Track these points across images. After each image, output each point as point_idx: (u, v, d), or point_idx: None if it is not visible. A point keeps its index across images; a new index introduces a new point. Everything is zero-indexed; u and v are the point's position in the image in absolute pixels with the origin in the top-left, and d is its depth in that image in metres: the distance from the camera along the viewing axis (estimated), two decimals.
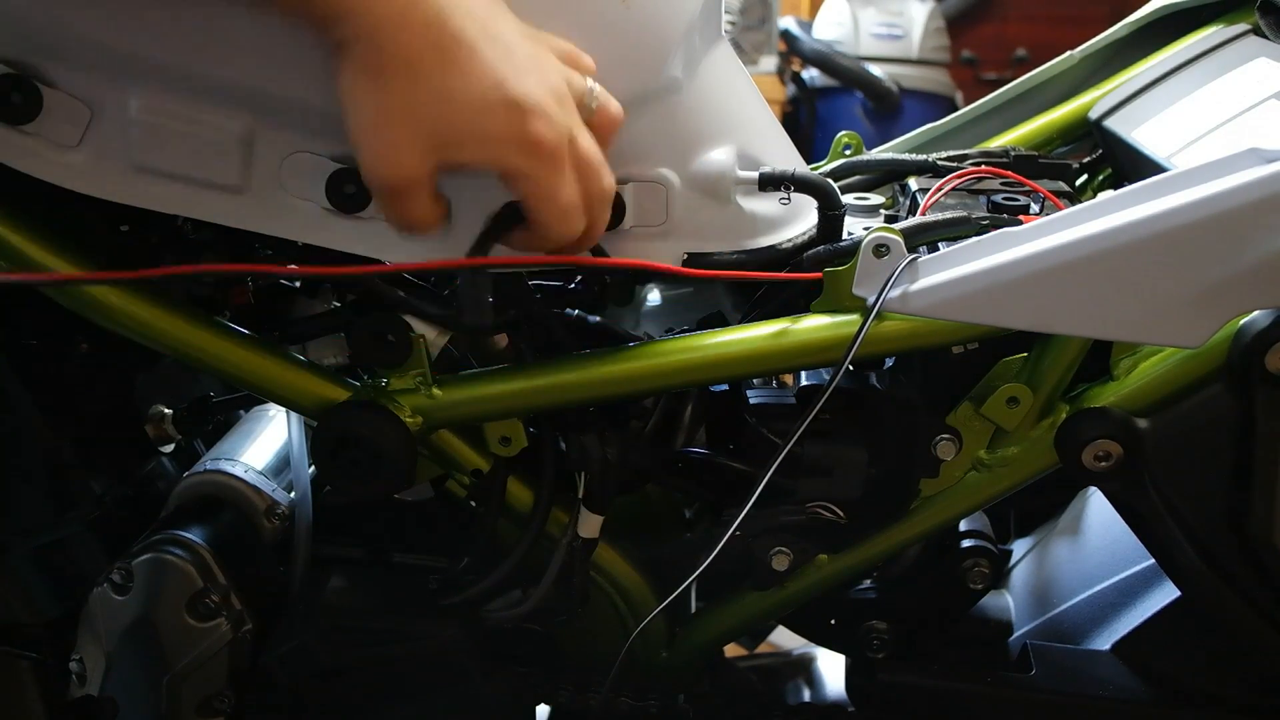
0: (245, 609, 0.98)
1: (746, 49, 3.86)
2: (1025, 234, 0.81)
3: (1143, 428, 0.86)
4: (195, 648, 0.96)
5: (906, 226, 0.87)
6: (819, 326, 0.86)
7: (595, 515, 0.92)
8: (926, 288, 0.82)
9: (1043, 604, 1.10)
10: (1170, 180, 0.79)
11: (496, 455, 0.94)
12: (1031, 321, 0.82)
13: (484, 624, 0.96)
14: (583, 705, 1.02)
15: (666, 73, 0.84)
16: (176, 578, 0.96)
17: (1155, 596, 1.00)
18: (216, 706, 0.98)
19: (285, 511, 1.03)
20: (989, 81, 4.42)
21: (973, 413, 0.89)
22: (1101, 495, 0.98)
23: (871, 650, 1.00)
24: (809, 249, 0.90)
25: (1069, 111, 1.14)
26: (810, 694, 1.21)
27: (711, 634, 1.01)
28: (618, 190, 0.84)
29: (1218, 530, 0.87)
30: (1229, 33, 1.07)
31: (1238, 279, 0.77)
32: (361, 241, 0.85)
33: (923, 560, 1.00)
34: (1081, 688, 0.97)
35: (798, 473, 0.91)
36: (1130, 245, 0.77)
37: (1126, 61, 1.14)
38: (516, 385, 0.89)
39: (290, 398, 0.92)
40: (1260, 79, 0.99)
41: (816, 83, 3.95)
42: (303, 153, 0.82)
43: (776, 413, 0.95)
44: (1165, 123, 1.02)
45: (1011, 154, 1.05)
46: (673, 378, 0.88)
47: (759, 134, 0.92)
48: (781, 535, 0.92)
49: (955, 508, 0.93)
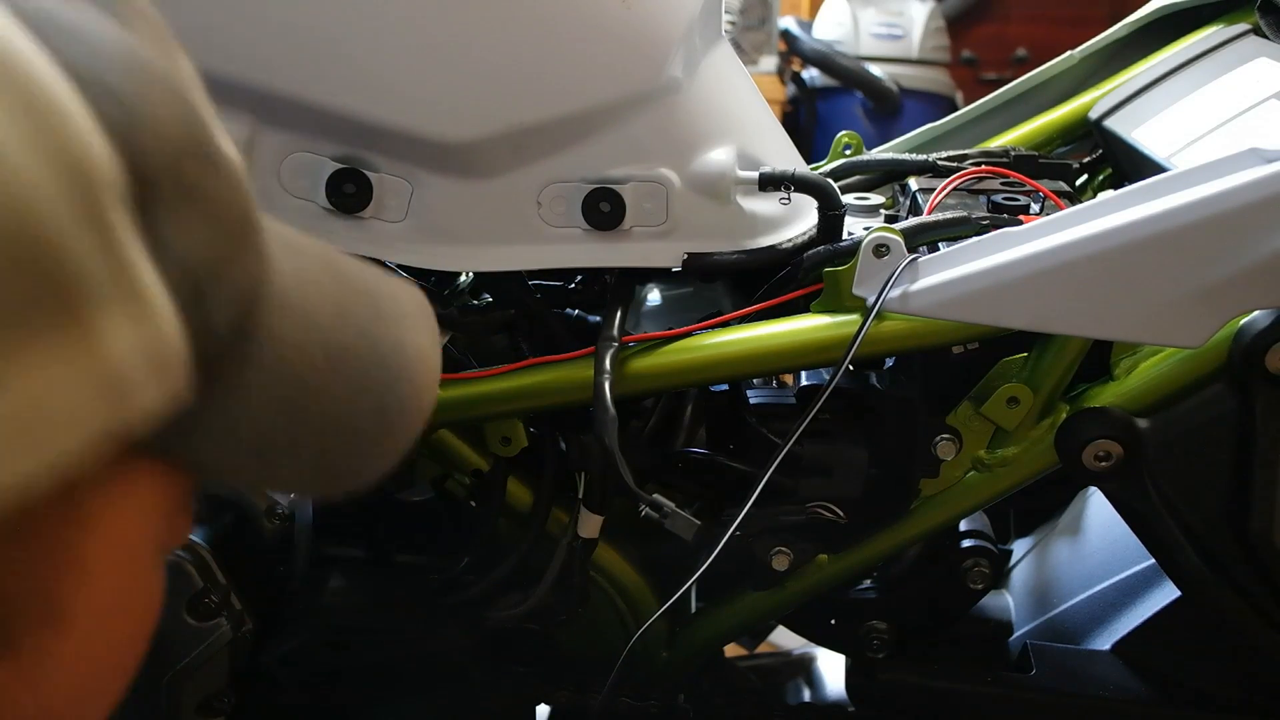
0: (245, 609, 0.98)
1: (746, 49, 3.85)
2: (1025, 234, 0.81)
3: (1143, 427, 0.86)
4: (195, 648, 0.96)
5: (907, 226, 0.87)
6: (819, 326, 0.86)
7: (595, 515, 0.92)
8: (926, 288, 0.82)
9: (1043, 604, 1.10)
10: (1170, 180, 0.79)
11: (496, 455, 0.94)
12: (1031, 321, 0.82)
13: (484, 624, 0.96)
14: (583, 705, 1.02)
15: (666, 73, 0.84)
16: (176, 578, 0.96)
17: (1155, 596, 1.00)
18: (216, 706, 0.98)
19: (285, 511, 1.03)
20: (989, 81, 4.42)
21: (973, 413, 0.89)
22: (1101, 495, 0.98)
23: (871, 650, 1.00)
24: (809, 249, 0.90)
25: (1069, 111, 1.14)
26: (810, 694, 1.21)
27: (711, 634, 1.01)
28: (618, 190, 0.84)
29: (1218, 530, 0.87)
30: (1229, 33, 1.07)
31: (1238, 279, 0.77)
32: (361, 241, 0.85)
33: (923, 560, 1.00)
34: (1081, 688, 0.97)
35: (798, 473, 0.91)
36: (1130, 245, 0.77)
37: (1126, 61, 1.14)
38: (516, 385, 0.89)
39: None
40: (1260, 79, 0.99)
41: (816, 83, 3.94)
42: (303, 153, 0.82)
43: (776, 413, 0.95)
44: (1165, 123, 1.02)
45: (1012, 154, 1.05)
46: (673, 378, 0.88)
47: (759, 134, 0.92)
48: (781, 535, 0.92)
49: (955, 508, 0.93)
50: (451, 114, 0.82)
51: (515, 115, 0.83)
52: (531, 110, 0.83)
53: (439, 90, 0.82)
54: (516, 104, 0.82)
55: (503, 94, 0.82)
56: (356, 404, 0.41)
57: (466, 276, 0.98)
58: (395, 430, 0.43)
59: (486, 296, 0.98)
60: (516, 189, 0.85)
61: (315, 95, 0.79)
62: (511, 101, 0.82)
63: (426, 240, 0.85)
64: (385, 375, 0.43)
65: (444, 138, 0.82)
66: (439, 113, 0.82)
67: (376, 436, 0.42)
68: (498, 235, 0.86)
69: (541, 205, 0.85)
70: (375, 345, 0.43)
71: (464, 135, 0.82)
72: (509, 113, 0.82)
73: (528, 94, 0.83)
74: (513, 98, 0.82)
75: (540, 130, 0.83)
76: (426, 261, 0.86)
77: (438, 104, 0.82)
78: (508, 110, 0.82)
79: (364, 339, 0.42)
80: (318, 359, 0.40)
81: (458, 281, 0.97)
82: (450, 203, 0.85)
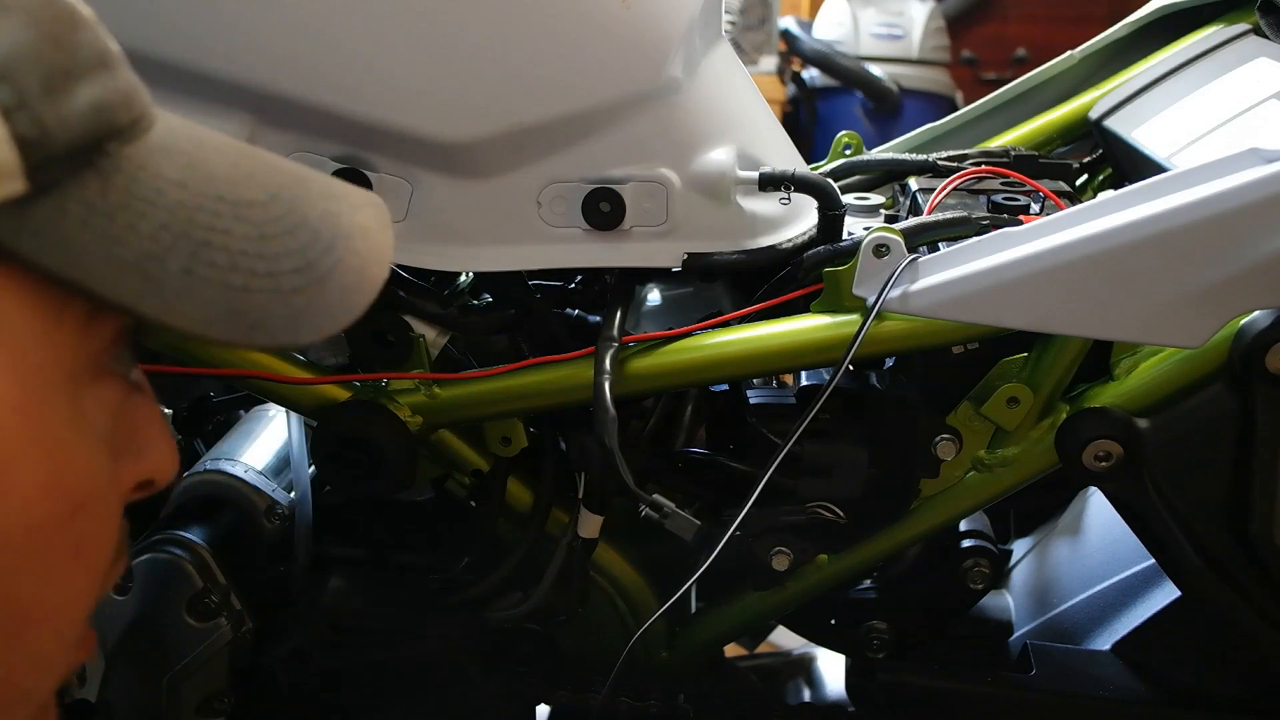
0: (245, 609, 0.98)
1: (746, 49, 3.85)
2: (1025, 234, 0.81)
3: (1143, 428, 0.86)
4: (195, 648, 0.96)
5: (907, 226, 0.87)
6: (819, 326, 0.86)
7: (595, 515, 0.92)
8: (926, 288, 0.82)
9: (1043, 604, 1.10)
10: (1170, 180, 0.79)
11: (496, 455, 0.94)
12: (1031, 321, 0.82)
13: (484, 624, 0.96)
14: (583, 705, 1.02)
15: (666, 73, 0.84)
16: (176, 578, 0.96)
17: (1155, 596, 1.00)
18: (216, 706, 0.98)
19: (285, 511, 1.03)
20: (989, 81, 4.42)
21: (973, 413, 0.89)
22: (1101, 495, 0.98)
23: (871, 650, 1.00)
24: (809, 249, 0.90)
25: (1069, 111, 1.14)
26: (810, 694, 1.21)
27: (712, 634, 1.01)
28: (618, 190, 0.84)
29: (1218, 530, 0.87)
30: (1229, 33, 1.07)
31: (1238, 279, 0.77)
32: None
33: (923, 560, 1.00)
34: (1081, 688, 0.97)
35: (798, 473, 0.91)
36: (1130, 245, 0.77)
37: (1126, 61, 1.14)
38: (516, 385, 0.89)
39: (290, 398, 0.92)
40: (1260, 79, 0.99)
41: (816, 83, 3.94)
42: (302, 153, 0.82)
43: (776, 413, 0.95)
44: (1165, 123, 1.02)
45: (1012, 154, 1.05)
46: (673, 378, 0.88)
47: (759, 134, 0.92)
48: (781, 535, 0.92)
49: (955, 508, 0.92)
50: (451, 114, 0.82)
51: (515, 115, 0.83)
52: (532, 110, 0.83)
53: (439, 90, 0.82)
54: (517, 104, 0.82)
55: (503, 94, 0.82)
56: (274, 258, 0.45)
57: (466, 276, 0.98)
58: (331, 293, 0.46)
59: (486, 296, 0.98)
60: (516, 189, 0.85)
61: (315, 95, 0.79)
62: (511, 101, 0.82)
63: (426, 240, 0.85)
64: (311, 238, 0.47)
65: (444, 138, 0.82)
66: (439, 113, 0.82)
67: (307, 295, 0.46)
68: (498, 235, 0.86)
69: (541, 205, 0.85)
70: (295, 209, 0.47)
71: (464, 135, 0.82)
72: (509, 113, 0.82)
73: (528, 94, 0.83)
74: (513, 98, 0.82)
75: (540, 130, 0.83)
76: (426, 261, 0.86)
77: (438, 104, 0.82)
78: (508, 110, 0.82)
79: (278, 201, 0.47)
80: (209, 203, 0.45)
81: (458, 281, 0.97)
82: (450, 203, 0.85)
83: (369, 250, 0.49)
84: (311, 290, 0.46)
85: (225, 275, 0.44)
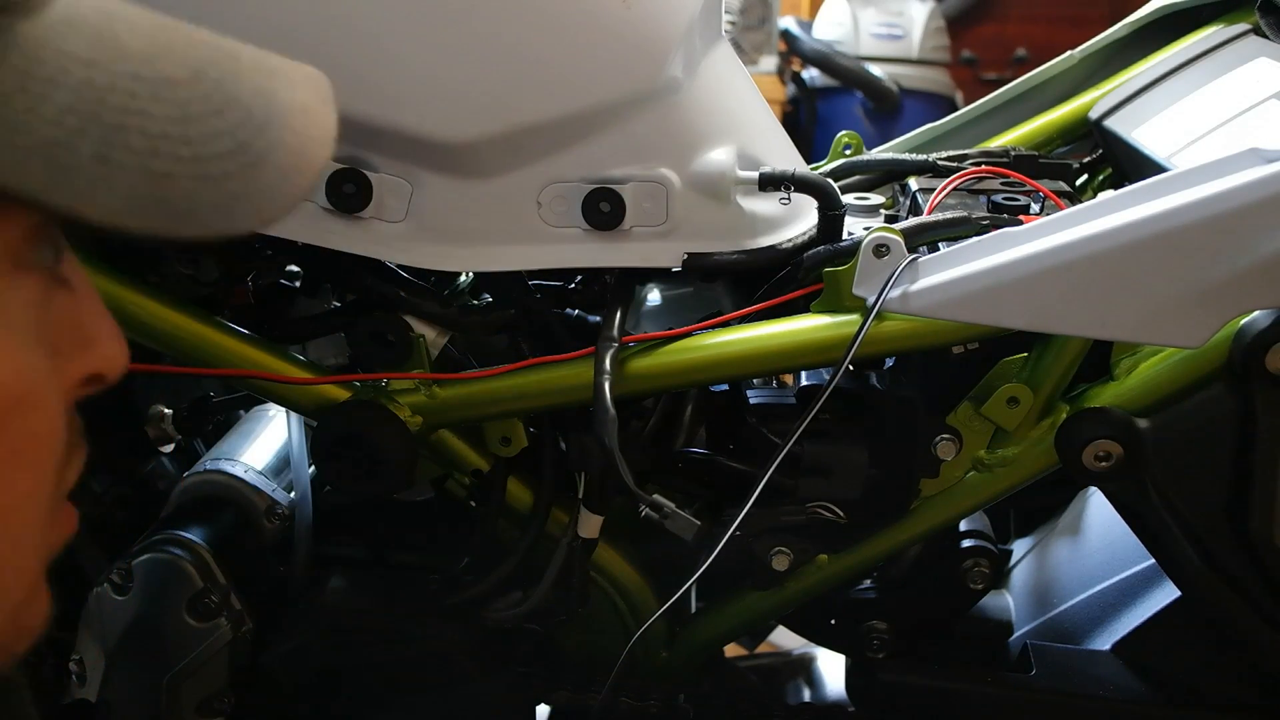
0: (245, 609, 0.98)
1: (746, 49, 3.85)
2: (1025, 234, 0.81)
3: (1143, 428, 0.86)
4: (195, 648, 0.96)
5: (907, 226, 0.87)
6: (819, 326, 0.86)
7: (595, 515, 0.92)
8: (926, 288, 0.82)
9: (1043, 604, 1.10)
10: (1170, 180, 0.79)
11: (496, 455, 0.94)
12: (1031, 321, 0.82)
13: (484, 624, 0.96)
14: (583, 705, 1.02)
15: (666, 73, 0.84)
16: (176, 578, 0.96)
17: (1155, 596, 1.00)
18: (216, 706, 0.98)
19: (285, 511, 1.03)
20: (989, 81, 4.42)
21: (973, 413, 0.89)
22: (1101, 495, 0.98)
23: (871, 650, 1.00)
24: (809, 249, 0.90)
25: (1069, 111, 1.14)
26: (810, 694, 1.21)
27: (712, 634, 1.01)
28: (618, 190, 0.84)
29: (1218, 530, 0.87)
30: (1229, 33, 1.07)
31: (1238, 279, 0.77)
32: (361, 241, 0.85)
33: (923, 560, 1.00)
34: (1081, 688, 0.97)
35: (798, 473, 0.91)
36: (1130, 245, 0.77)
37: (1126, 61, 1.14)
38: (516, 385, 0.89)
39: (290, 398, 0.92)
40: (1260, 79, 0.99)
41: (816, 83, 3.94)
42: None
43: (776, 413, 0.95)
44: (1165, 123, 1.02)
45: (1012, 154, 1.05)
46: (673, 378, 0.88)
47: (759, 134, 0.92)
48: (781, 535, 0.92)
49: (955, 508, 0.92)
50: (451, 114, 0.82)
51: (515, 115, 0.83)
52: (532, 110, 0.83)
53: (439, 90, 0.82)
54: (517, 104, 0.82)
55: (503, 94, 0.82)
56: (201, 140, 0.42)
57: (466, 276, 0.98)
58: (268, 177, 0.43)
59: (486, 296, 0.98)
60: (516, 189, 0.85)
61: None
62: (511, 101, 0.82)
63: (426, 240, 0.85)
64: (243, 118, 0.43)
65: (444, 138, 0.82)
66: (439, 113, 0.82)
67: (242, 180, 0.42)
68: (498, 235, 0.86)
69: (541, 205, 0.85)
70: (223, 86, 0.43)
71: (464, 135, 0.82)
72: (509, 113, 0.82)
73: (528, 94, 0.83)
74: (513, 98, 0.82)
75: (540, 130, 0.83)
76: (426, 261, 0.86)
77: (438, 104, 0.82)
78: (508, 110, 0.82)
79: (202, 79, 0.43)
80: (123, 81, 0.41)
81: (458, 281, 0.97)
82: (450, 203, 0.85)
83: (308, 129, 0.45)
84: (245, 175, 0.42)
85: (145, 160, 0.40)
